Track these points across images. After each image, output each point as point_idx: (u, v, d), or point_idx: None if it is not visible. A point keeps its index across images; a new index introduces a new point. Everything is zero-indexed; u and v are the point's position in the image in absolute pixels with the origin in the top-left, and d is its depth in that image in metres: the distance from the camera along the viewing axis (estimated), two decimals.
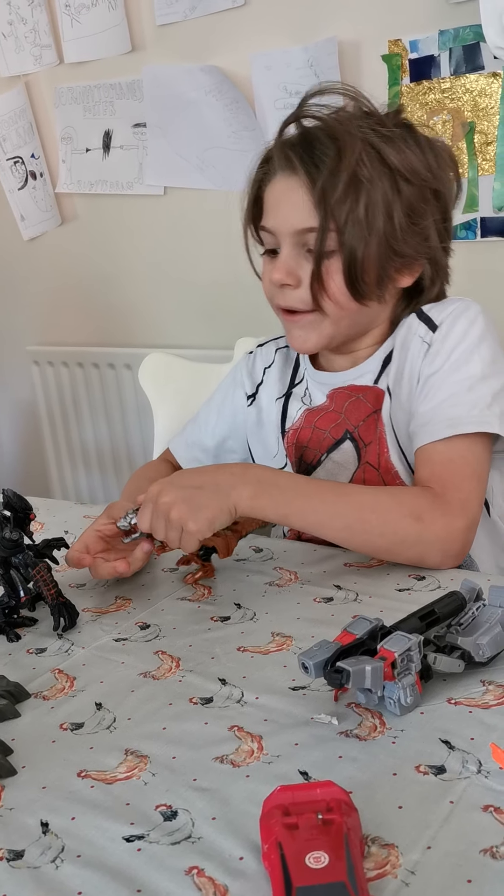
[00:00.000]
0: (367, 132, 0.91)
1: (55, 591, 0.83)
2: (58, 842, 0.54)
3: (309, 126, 0.95)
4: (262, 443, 1.12)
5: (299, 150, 0.93)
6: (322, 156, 0.91)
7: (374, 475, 1.00)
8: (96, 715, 0.68)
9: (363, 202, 0.90)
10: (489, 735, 0.59)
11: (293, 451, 1.07)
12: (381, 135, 0.92)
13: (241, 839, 0.52)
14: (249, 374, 1.15)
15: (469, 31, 1.51)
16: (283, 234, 0.95)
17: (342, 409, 1.03)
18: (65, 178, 2.16)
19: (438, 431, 0.92)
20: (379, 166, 0.91)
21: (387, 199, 0.91)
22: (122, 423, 2.24)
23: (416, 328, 0.99)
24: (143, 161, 2.01)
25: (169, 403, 1.43)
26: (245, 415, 1.14)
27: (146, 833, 0.54)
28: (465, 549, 0.90)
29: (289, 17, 1.70)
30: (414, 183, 0.93)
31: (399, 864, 0.49)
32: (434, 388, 0.95)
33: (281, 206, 0.95)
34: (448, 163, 0.97)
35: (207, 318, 2.06)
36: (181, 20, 1.84)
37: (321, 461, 1.04)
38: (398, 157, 0.92)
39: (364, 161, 0.90)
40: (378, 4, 1.60)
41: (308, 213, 0.92)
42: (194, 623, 0.82)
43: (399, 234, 0.92)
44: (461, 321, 0.96)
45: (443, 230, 0.98)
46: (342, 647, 0.63)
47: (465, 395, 0.93)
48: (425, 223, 0.95)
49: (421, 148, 0.94)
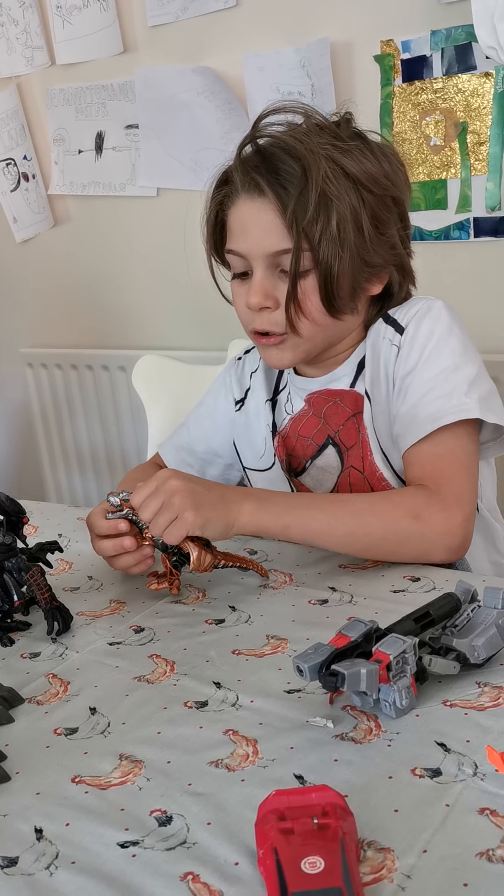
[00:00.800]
0: (327, 147, 0.91)
1: (49, 595, 0.83)
2: (52, 848, 0.54)
3: (268, 146, 0.94)
4: (250, 444, 1.12)
5: (263, 172, 0.92)
6: (288, 176, 0.90)
7: (359, 478, 1.00)
8: (90, 720, 0.68)
9: (334, 219, 0.90)
10: (485, 737, 0.59)
11: (283, 452, 1.08)
12: (340, 148, 0.92)
13: (236, 844, 0.52)
14: (238, 380, 1.16)
15: (461, 32, 1.51)
16: (255, 257, 0.94)
17: (321, 414, 1.04)
18: (57, 179, 2.15)
19: (422, 429, 0.92)
20: (343, 180, 0.91)
21: (355, 211, 0.91)
22: (116, 425, 2.23)
23: (384, 332, 1.00)
24: (135, 162, 2.01)
25: (162, 405, 1.43)
26: (233, 419, 1.15)
27: (141, 839, 0.53)
28: (467, 540, 0.90)
29: (281, 18, 1.70)
30: (375, 192, 0.93)
31: (395, 868, 0.49)
32: (410, 388, 0.95)
33: (250, 230, 0.94)
34: (398, 166, 0.98)
35: (201, 319, 2.05)
36: (173, 21, 1.84)
37: (306, 468, 1.05)
38: (358, 168, 0.92)
39: (329, 177, 0.90)
40: (370, 5, 1.60)
41: (280, 235, 0.91)
42: (189, 626, 0.82)
43: (369, 245, 0.93)
44: (426, 320, 0.97)
45: (404, 236, 0.99)
46: (337, 650, 0.63)
47: (441, 387, 0.93)
48: (391, 231, 0.96)
49: (375, 156, 0.95)
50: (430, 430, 0.92)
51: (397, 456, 0.98)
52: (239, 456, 1.15)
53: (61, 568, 1.00)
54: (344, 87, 1.66)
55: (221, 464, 1.17)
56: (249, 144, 0.95)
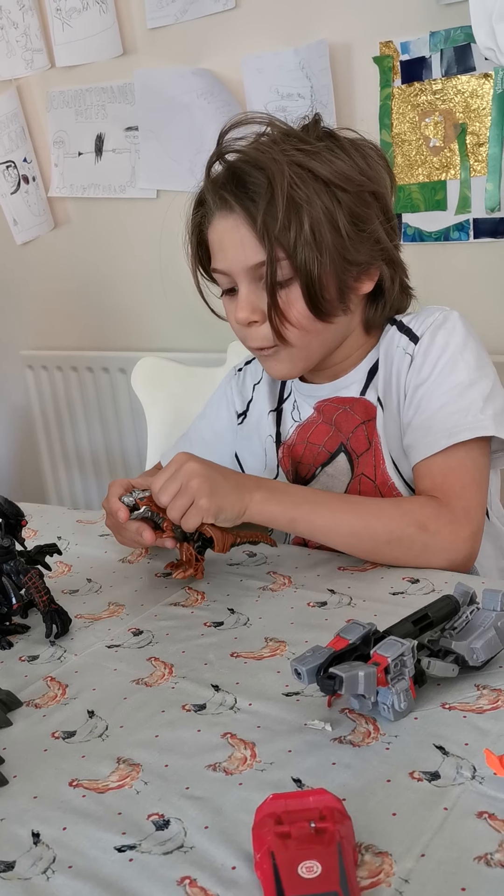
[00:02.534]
0: (292, 153, 0.90)
1: (47, 598, 0.83)
2: (49, 852, 0.54)
3: (233, 161, 0.93)
4: (253, 456, 1.12)
5: (231, 187, 0.92)
6: (255, 188, 0.90)
7: (370, 486, 1.00)
8: (88, 723, 0.67)
9: (307, 223, 0.89)
10: (483, 740, 0.59)
11: (288, 463, 1.07)
12: (306, 151, 0.91)
13: (233, 848, 0.52)
14: (240, 391, 1.16)
15: (460, 33, 1.51)
16: (238, 273, 0.94)
17: (332, 421, 1.03)
18: (57, 181, 2.15)
19: (437, 443, 0.92)
20: (312, 183, 0.90)
21: (329, 212, 0.90)
22: (116, 426, 2.23)
23: (398, 340, 1.00)
24: (135, 164, 2.01)
25: (161, 407, 1.43)
26: (235, 432, 1.15)
27: (138, 843, 0.53)
28: (472, 556, 0.91)
29: (280, 20, 1.70)
30: (350, 190, 0.92)
31: (393, 872, 0.48)
32: (424, 400, 0.95)
33: (227, 247, 0.94)
34: (377, 159, 0.97)
35: (201, 321, 2.04)
36: (172, 23, 1.84)
37: (315, 475, 1.05)
38: (328, 168, 0.91)
39: (296, 183, 0.89)
40: (369, 6, 1.60)
41: (255, 247, 0.91)
42: (187, 629, 0.82)
43: (349, 244, 0.92)
44: (441, 332, 0.97)
45: (389, 229, 0.97)
46: (335, 653, 0.63)
47: (457, 402, 0.93)
48: (372, 226, 0.94)
49: (347, 153, 0.94)
50: (445, 445, 0.91)
51: (407, 465, 0.98)
52: (242, 468, 1.14)
53: (60, 570, 1.00)
54: (343, 88, 1.65)
55: None
56: (217, 162, 0.95)
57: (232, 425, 1.15)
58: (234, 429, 1.15)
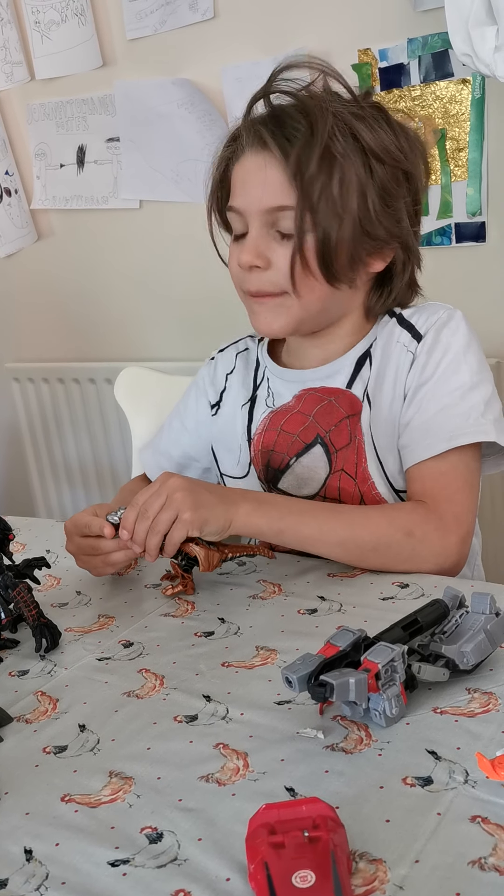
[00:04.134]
0: (339, 108, 0.89)
1: (36, 612, 0.82)
2: (42, 869, 0.53)
3: (277, 101, 0.92)
4: (228, 450, 1.10)
5: (270, 126, 0.90)
6: (294, 131, 0.88)
7: (349, 484, 0.99)
8: (80, 737, 0.67)
9: (337, 178, 0.88)
10: (475, 744, 0.59)
11: (259, 459, 1.05)
12: (353, 112, 0.89)
13: (227, 860, 0.51)
14: (212, 381, 1.14)
15: (437, 39, 1.52)
16: (252, 214, 0.92)
17: (311, 413, 1.01)
18: (40, 194, 2.15)
19: (435, 446, 0.91)
20: (352, 142, 0.88)
21: (360, 177, 0.89)
22: (104, 437, 2.23)
23: (399, 335, 0.98)
24: (117, 175, 2.01)
25: (145, 417, 1.42)
26: (209, 424, 1.13)
27: (131, 857, 0.53)
28: (461, 561, 0.90)
29: (258, 29, 1.71)
30: (386, 163, 0.90)
31: (387, 879, 0.48)
32: (425, 400, 0.94)
33: (250, 185, 0.92)
34: (419, 148, 0.96)
35: (185, 330, 2.06)
36: (151, 34, 1.84)
37: (290, 465, 1.02)
38: (370, 135, 0.89)
39: (336, 136, 0.87)
40: (346, 14, 1.61)
41: (280, 190, 0.89)
42: (178, 639, 0.81)
43: (373, 216, 0.91)
44: (445, 331, 0.96)
45: (413, 214, 0.96)
46: (325, 660, 0.63)
47: (458, 405, 0.92)
48: (398, 205, 0.93)
49: (392, 129, 0.92)
50: (444, 449, 0.91)
51: (392, 463, 0.97)
52: (217, 461, 1.13)
53: (49, 584, 0.99)
54: None
55: (198, 468, 1.15)
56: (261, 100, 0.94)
57: (206, 417, 1.13)
58: (209, 421, 1.12)
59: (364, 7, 1.59)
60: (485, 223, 1.59)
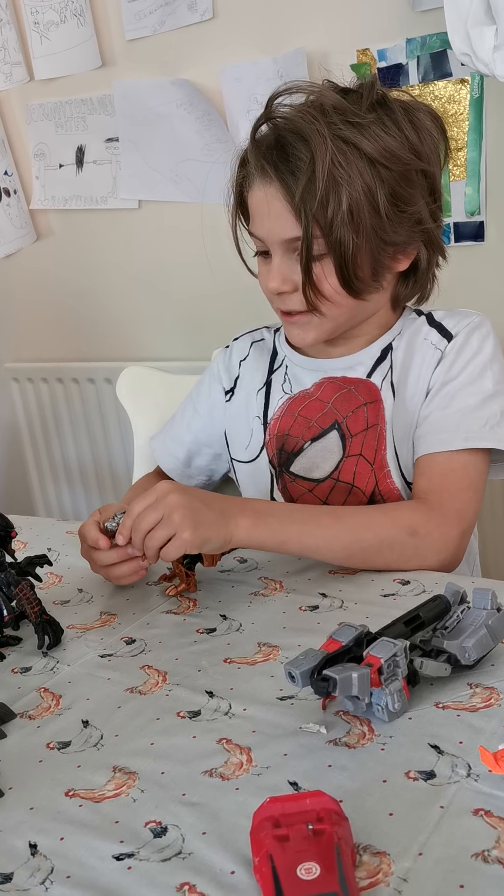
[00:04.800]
0: (338, 126, 0.88)
1: (39, 609, 0.82)
2: (47, 863, 0.53)
3: (279, 127, 0.92)
4: (239, 434, 1.11)
5: (273, 157, 0.91)
6: (297, 161, 0.89)
7: (366, 469, 0.99)
8: (83, 733, 0.67)
9: (345, 202, 0.88)
10: (477, 738, 0.59)
11: (274, 443, 1.06)
12: (355, 125, 0.89)
13: (231, 853, 0.52)
14: (227, 368, 1.15)
15: (436, 39, 1.53)
16: (272, 243, 0.94)
17: (330, 400, 1.02)
18: (39, 194, 2.15)
19: (452, 442, 0.93)
20: (356, 161, 0.88)
21: (369, 192, 0.89)
22: (103, 437, 2.23)
23: (427, 334, 1.00)
24: (116, 175, 2.01)
25: (147, 416, 1.42)
26: (223, 410, 1.14)
27: (136, 850, 0.53)
28: (459, 555, 0.91)
29: (257, 30, 1.71)
30: (395, 169, 0.90)
31: (391, 871, 0.49)
32: (448, 397, 0.96)
33: (263, 216, 0.94)
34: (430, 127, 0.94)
35: (185, 329, 2.06)
36: (150, 35, 1.85)
37: (303, 448, 1.03)
38: (376, 145, 0.89)
39: (339, 161, 0.87)
40: (345, 15, 1.61)
41: (291, 222, 0.91)
42: (180, 636, 0.81)
43: (387, 225, 0.91)
44: (476, 335, 0.98)
45: (434, 209, 0.96)
46: (328, 655, 0.63)
47: (480, 409, 0.94)
48: (414, 207, 0.93)
49: (399, 126, 0.91)
50: (461, 447, 0.93)
51: (405, 454, 0.98)
52: (228, 446, 1.13)
53: (51, 581, 0.99)
54: None
55: (209, 453, 1.16)
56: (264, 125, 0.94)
57: (220, 403, 1.14)
58: (223, 406, 1.13)
59: (363, 7, 1.59)
60: (483, 223, 1.60)
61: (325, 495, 1.02)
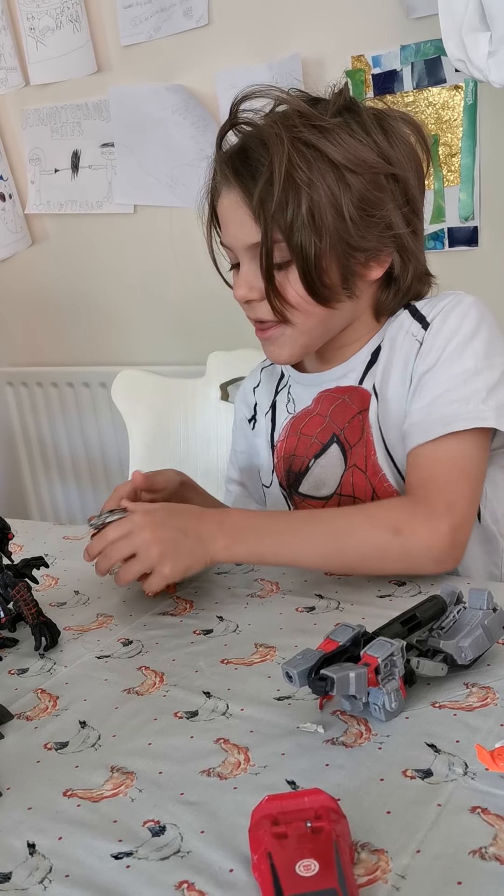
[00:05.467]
0: (300, 130, 0.86)
1: (35, 611, 0.82)
2: (45, 862, 0.53)
3: (244, 133, 0.91)
4: (262, 459, 1.11)
5: (235, 163, 0.90)
6: (258, 164, 0.87)
7: (361, 478, 0.98)
8: (81, 733, 0.67)
9: (305, 205, 0.86)
10: (474, 737, 0.60)
11: (282, 465, 1.05)
12: (319, 128, 0.87)
13: (230, 851, 0.52)
14: (244, 399, 1.16)
15: (430, 46, 1.54)
16: (238, 250, 0.93)
17: (327, 413, 1.01)
18: (34, 198, 2.16)
19: (432, 430, 0.88)
20: (318, 164, 0.86)
21: (332, 196, 0.87)
22: (98, 441, 2.23)
23: (409, 326, 0.96)
24: (112, 180, 2.02)
25: (142, 419, 1.43)
26: (253, 437, 1.13)
27: (135, 849, 0.53)
28: (456, 550, 0.85)
29: (252, 36, 1.72)
30: (362, 173, 0.88)
31: (389, 869, 0.49)
32: (427, 387, 0.91)
33: (229, 223, 0.93)
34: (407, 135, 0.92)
35: (180, 333, 2.06)
36: (146, 40, 1.85)
37: (309, 467, 1.02)
38: (339, 149, 0.87)
39: (297, 163, 0.85)
40: (340, 21, 1.63)
41: (252, 227, 0.89)
42: (177, 637, 0.82)
43: (352, 230, 0.88)
44: (453, 315, 0.93)
45: (407, 213, 0.93)
46: (325, 655, 0.63)
47: (459, 390, 0.89)
48: (383, 212, 0.90)
49: (367, 131, 0.89)
50: (441, 433, 0.87)
51: (401, 453, 0.95)
52: (260, 475, 1.12)
53: (47, 583, 0.99)
54: None
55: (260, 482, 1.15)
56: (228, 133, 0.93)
57: (250, 433, 1.14)
58: (252, 435, 1.13)
59: (357, 14, 1.60)
60: (477, 228, 1.61)
61: None
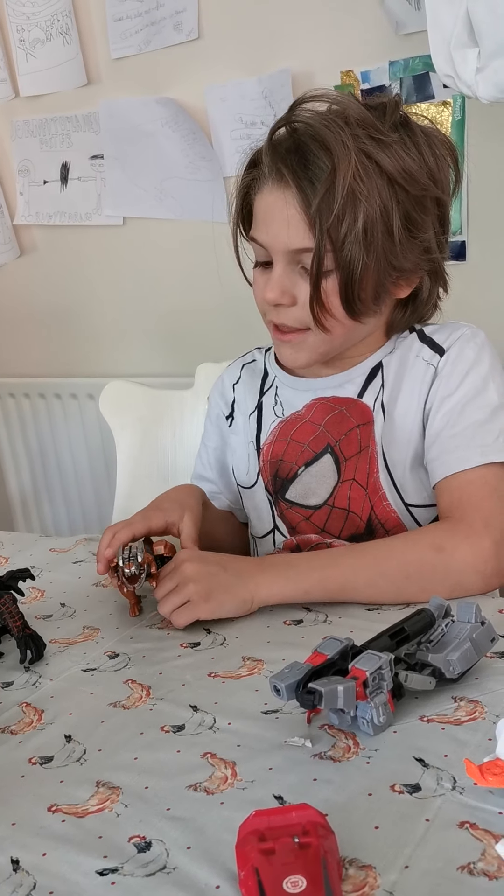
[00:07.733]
0: (362, 141, 0.85)
1: (21, 623, 0.82)
2: (29, 879, 0.53)
3: (300, 131, 0.87)
4: (238, 458, 1.09)
5: (292, 163, 0.87)
6: (316, 170, 0.85)
7: (360, 493, 0.97)
8: (66, 747, 0.67)
9: (361, 220, 0.85)
10: (462, 751, 0.59)
11: (268, 469, 1.04)
12: (379, 142, 0.86)
13: (216, 867, 0.51)
14: (221, 395, 1.13)
15: (418, 62, 1.55)
16: (277, 251, 0.90)
17: (321, 422, 1.00)
18: (23, 210, 2.16)
19: (470, 459, 0.90)
20: (376, 178, 0.85)
21: (385, 212, 0.86)
22: (86, 453, 2.22)
23: (419, 350, 0.97)
24: (101, 192, 2.02)
25: (130, 431, 1.42)
26: (228, 434, 1.12)
27: (120, 866, 0.53)
28: (501, 566, 0.85)
29: (242, 50, 1.73)
30: (412, 191, 0.87)
31: (377, 884, 0.48)
32: (454, 413, 0.93)
33: (273, 223, 0.90)
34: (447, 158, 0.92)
35: (168, 345, 2.06)
36: (136, 53, 1.86)
37: (297, 474, 1.01)
38: (396, 164, 0.86)
39: (360, 176, 0.84)
40: (329, 36, 1.64)
41: (303, 232, 0.87)
42: (164, 650, 0.81)
43: (398, 249, 0.88)
44: (470, 346, 0.95)
45: (442, 240, 0.94)
46: (313, 668, 0.63)
47: (490, 422, 0.91)
48: (425, 234, 0.90)
49: (420, 150, 0.89)
50: (479, 462, 0.89)
51: (401, 474, 0.96)
52: (234, 473, 1.11)
53: (33, 596, 0.99)
54: None
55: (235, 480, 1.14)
56: (283, 128, 0.89)
57: (226, 429, 1.12)
58: (227, 431, 1.12)
59: (347, 29, 1.62)
60: (465, 242, 1.62)
61: (323, 522, 1.00)
